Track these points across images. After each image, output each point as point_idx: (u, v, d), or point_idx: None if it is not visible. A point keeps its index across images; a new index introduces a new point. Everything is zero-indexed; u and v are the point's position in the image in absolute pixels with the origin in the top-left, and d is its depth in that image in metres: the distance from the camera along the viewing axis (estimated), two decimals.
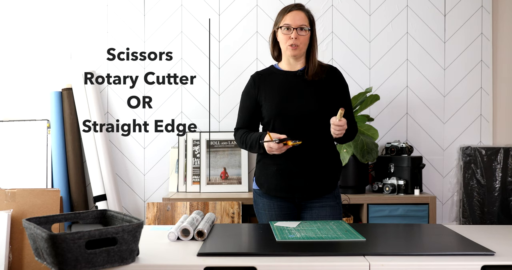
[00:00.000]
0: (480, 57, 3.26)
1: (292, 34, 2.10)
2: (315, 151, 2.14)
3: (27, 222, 1.46)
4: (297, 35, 2.10)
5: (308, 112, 2.11)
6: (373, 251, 1.54)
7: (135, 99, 3.23)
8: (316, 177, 2.14)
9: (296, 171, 2.13)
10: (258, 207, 2.24)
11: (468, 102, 3.27)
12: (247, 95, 2.23)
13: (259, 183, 2.22)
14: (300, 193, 2.15)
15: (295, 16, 2.11)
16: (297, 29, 2.10)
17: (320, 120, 2.12)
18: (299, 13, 2.12)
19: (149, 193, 3.26)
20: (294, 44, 2.10)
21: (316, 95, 2.13)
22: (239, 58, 3.25)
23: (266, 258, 1.49)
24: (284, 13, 2.15)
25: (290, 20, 2.11)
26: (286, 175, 2.14)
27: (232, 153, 3.20)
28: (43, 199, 2.79)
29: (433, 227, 2.05)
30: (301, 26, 2.10)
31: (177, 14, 3.26)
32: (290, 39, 2.10)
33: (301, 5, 2.17)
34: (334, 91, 2.17)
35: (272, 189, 2.17)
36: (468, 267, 1.44)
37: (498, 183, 3.14)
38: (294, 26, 2.10)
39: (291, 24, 2.10)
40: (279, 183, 2.16)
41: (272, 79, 2.20)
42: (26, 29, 3.25)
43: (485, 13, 3.25)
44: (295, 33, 2.10)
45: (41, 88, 3.24)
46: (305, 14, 2.13)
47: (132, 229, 1.43)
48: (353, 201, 2.90)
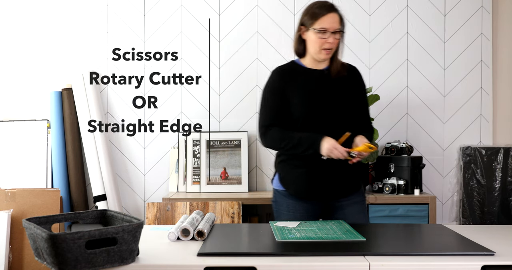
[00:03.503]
0: (480, 57, 3.26)
1: (330, 39, 2.04)
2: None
3: (27, 222, 1.46)
4: (334, 39, 2.04)
5: (336, 111, 2.09)
6: (373, 251, 1.55)
7: (140, 99, 3.23)
8: (345, 176, 2.12)
9: (325, 171, 2.09)
10: (281, 208, 2.18)
11: (468, 102, 3.27)
12: (274, 91, 2.13)
13: (285, 184, 2.16)
14: (329, 194, 2.12)
15: (332, 20, 2.04)
16: (333, 33, 2.04)
17: (346, 119, 2.10)
18: (335, 16, 2.05)
19: (149, 193, 3.26)
20: (330, 48, 2.05)
21: (342, 94, 2.11)
22: (239, 58, 3.25)
23: (266, 258, 1.49)
24: (320, 15, 2.05)
25: (328, 24, 2.03)
26: (316, 176, 2.10)
27: (232, 153, 3.20)
28: (43, 199, 2.79)
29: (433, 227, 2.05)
30: (336, 29, 2.04)
31: (177, 14, 3.26)
32: (326, 44, 2.04)
33: (336, 6, 2.08)
34: (355, 90, 2.15)
35: (301, 191, 2.12)
36: (468, 267, 1.44)
37: (498, 183, 3.14)
38: (331, 31, 2.03)
39: (328, 29, 2.03)
40: (308, 184, 2.11)
41: (297, 76, 2.12)
42: (26, 29, 3.25)
43: (485, 13, 3.25)
44: (332, 37, 2.04)
45: (41, 88, 3.24)
46: (339, 15, 2.07)
47: (132, 229, 1.43)
48: None
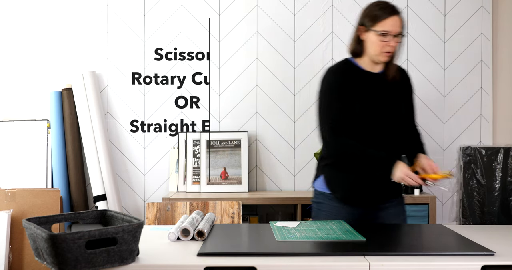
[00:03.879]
0: (480, 57, 3.26)
1: (391, 42, 2.00)
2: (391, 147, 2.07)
3: (27, 222, 1.46)
4: (395, 43, 2.01)
5: (391, 116, 2.06)
6: (373, 251, 1.54)
7: (182, 99, 3.23)
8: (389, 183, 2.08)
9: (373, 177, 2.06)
10: (323, 209, 2.14)
11: (468, 102, 3.27)
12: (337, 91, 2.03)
13: (331, 188, 2.12)
14: (376, 199, 2.12)
15: (394, 23, 1.99)
16: (395, 36, 2.00)
17: (399, 124, 2.10)
18: (397, 19, 2.01)
19: (149, 193, 3.26)
20: (390, 52, 2.02)
21: (396, 99, 2.09)
22: (239, 58, 3.25)
23: (266, 258, 1.49)
24: (382, 17, 2.00)
25: (390, 27, 1.99)
26: (364, 182, 2.08)
27: (232, 153, 3.20)
28: (43, 199, 2.79)
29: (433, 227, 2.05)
30: (398, 33, 2.00)
31: (177, 14, 3.26)
32: (387, 47, 2.00)
33: (398, 9, 2.04)
34: (406, 94, 2.15)
35: (349, 196, 2.10)
36: (468, 267, 1.44)
37: (498, 183, 3.14)
38: (393, 34, 1.99)
39: (390, 32, 1.99)
40: (357, 190, 2.09)
41: (355, 78, 2.06)
42: (26, 29, 3.25)
43: (485, 13, 3.25)
44: (394, 41, 2.00)
45: (41, 88, 3.24)
46: (400, 18, 2.03)
47: (132, 229, 1.43)
48: None
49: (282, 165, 3.25)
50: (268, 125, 3.26)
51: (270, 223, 1.98)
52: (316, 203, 2.20)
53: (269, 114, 3.26)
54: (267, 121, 3.26)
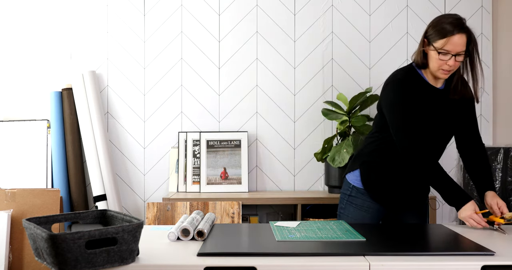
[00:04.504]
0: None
1: (450, 62, 1.91)
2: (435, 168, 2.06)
3: (27, 222, 1.46)
4: (453, 62, 1.92)
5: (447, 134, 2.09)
6: (373, 251, 1.54)
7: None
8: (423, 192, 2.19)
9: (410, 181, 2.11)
10: (354, 203, 2.16)
11: None
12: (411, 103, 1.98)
13: (367, 186, 2.14)
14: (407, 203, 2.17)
15: (458, 42, 1.90)
16: (455, 55, 1.91)
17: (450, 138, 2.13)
18: (462, 37, 1.90)
19: (149, 193, 3.26)
20: (450, 71, 1.95)
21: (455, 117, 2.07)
22: (239, 58, 3.25)
23: (266, 258, 1.49)
24: (447, 33, 1.90)
25: (451, 46, 1.89)
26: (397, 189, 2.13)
27: (232, 153, 3.20)
28: (43, 199, 2.79)
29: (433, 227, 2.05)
30: (460, 52, 1.91)
31: (177, 14, 3.26)
32: (446, 65, 1.93)
33: (464, 25, 1.93)
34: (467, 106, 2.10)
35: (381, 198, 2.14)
36: (468, 267, 1.44)
37: (498, 183, 3.14)
38: (453, 53, 1.90)
39: (450, 51, 1.90)
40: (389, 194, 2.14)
41: (421, 91, 2.01)
42: (26, 29, 3.25)
43: (485, 13, 3.25)
44: (453, 60, 1.91)
45: (41, 88, 3.24)
46: (466, 36, 1.92)
47: (132, 229, 1.43)
48: None
49: (282, 165, 3.25)
50: (268, 125, 3.26)
51: (270, 223, 1.98)
52: (347, 196, 2.21)
53: (269, 114, 3.26)
54: (267, 121, 3.26)
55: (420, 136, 1.99)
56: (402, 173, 2.11)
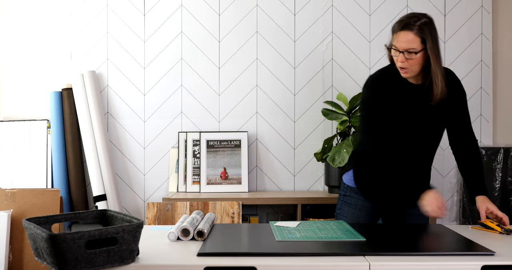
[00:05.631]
0: (480, 57, 3.26)
1: (399, 58, 1.93)
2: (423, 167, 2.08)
3: (27, 222, 1.46)
4: (404, 59, 1.91)
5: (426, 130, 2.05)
6: (373, 251, 1.54)
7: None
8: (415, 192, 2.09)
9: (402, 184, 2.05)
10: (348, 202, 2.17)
11: (468, 102, 3.25)
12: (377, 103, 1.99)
13: (359, 185, 2.15)
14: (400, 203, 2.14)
15: (401, 38, 1.91)
16: (404, 53, 1.91)
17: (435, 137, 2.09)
18: (405, 34, 1.90)
19: (149, 193, 3.26)
20: (404, 68, 1.94)
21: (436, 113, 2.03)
22: (239, 58, 3.25)
23: (266, 258, 1.49)
24: (395, 30, 1.94)
25: (397, 43, 1.92)
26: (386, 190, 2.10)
27: (232, 153, 3.20)
28: (43, 199, 2.79)
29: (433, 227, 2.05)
30: (408, 49, 1.90)
31: (177, 14, 3.25)
32: (398, 63, 1.94)
33: (410, 23, 1.91)
34: (453, 102, 2.05)
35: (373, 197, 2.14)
36: (468, 267, 1.44)
37: (498, 183, 3.14)
38: (400, 50, 1.91)
39: (398, 48, 1.92)
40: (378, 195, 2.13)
41: (396, 86, 2.01)
42: (26, 29, 3.25)
43: (485, 13, 3.25)
44: (402, 57, 1.91)
45: (41, 88, 3.24)
46: (415, 34, 1.89)
47: (132, 229, 1.43)
48: None
49: (282, 165, 3.25)
50: (268, 125, 3.26)
51: (270, 223, 1.98)
52: (342, 196, 2.23)
53: (269, 114, 3.26)
54: (267, 121, 3.26)
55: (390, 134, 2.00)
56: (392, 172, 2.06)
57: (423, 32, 1.90)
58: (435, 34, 1.93)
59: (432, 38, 1.91)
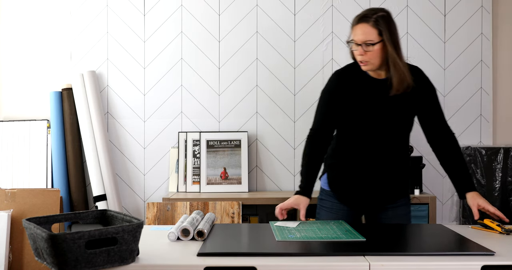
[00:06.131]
0: (480, 57, 3.26)
1: (358, 51, 1.95)
2: (390, 163, 2.08)
3: (27, 222, 1.46)
4: (362, 52, 1.94)
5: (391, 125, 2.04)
6: (373, 251, 1.54)
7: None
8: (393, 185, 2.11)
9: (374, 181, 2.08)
10: (325, 206, 2.17)
11: (468, 102, 3.27)
12: (330, 94, 2.06)
13: (332, 187, 2.15)
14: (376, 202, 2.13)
15: (358, 31, 1.94)
16: (362, 45, 1.93)
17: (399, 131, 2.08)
18: (362, 27, 1.93)
19: (149, 193, 3.26)
20: (363, 61, 1.96)
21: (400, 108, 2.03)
22: (239, 58, 3.25)
23: (266, 258, 1.49)
24: (352, 25, 1.98)
25: (355, 36, 1.95)
26: (355, 186, 2.10)
27: (232, 153, 3.20)
28: (43, 199, 2.79)
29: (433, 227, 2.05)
30: (365, 41, 1.92)
31: (177, 14, 3.26)
32: (358, 56, 1.97)
33: (366, 15, 1.95)
34: (420, 97, 2.05)
35: (346, 198, 2.13)
36: (468, 267, 1.44)
37: (498, 183, 3.14)
38: (358, 43, 1.94)
39: (356, 41, 1.95)
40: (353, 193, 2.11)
41: (357, 82, 2.04)
42: (26, 29, 3.25)
43: (485, 13, 3.25)
44: (360, 49, 1.93)
45: (41, 88, 3.24)
46: (371, 25, 1.92)
47: (132, 229, 1.43)
48: None
49: (282, 165, 3.25)
50: (268, 125, 3.26)
51: (270, 223, 1.98)
52: (319, 200, 2.23)
53: (269, 114, 3.26)
54: (267, 121, 3.26)
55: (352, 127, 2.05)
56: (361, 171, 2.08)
57: (380, 24, 1.92)
58: (393, 27, 1.96)
59: (389, 30, 1.94)
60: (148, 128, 3.26)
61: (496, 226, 1.88)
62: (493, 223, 1.91)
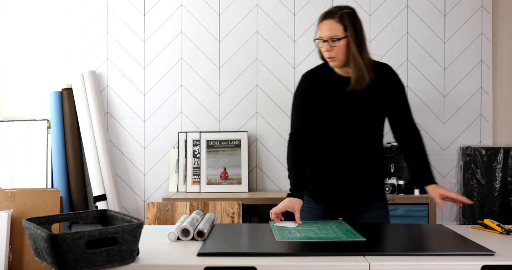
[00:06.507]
0: (480, 57, 3.26)
1: (324, 47, 1.99)
2: (363, 163, 2.08)
3: (27, 222, 1.46)
4: (329, 48, 1.97)
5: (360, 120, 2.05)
6: (373, 251, 1.54)
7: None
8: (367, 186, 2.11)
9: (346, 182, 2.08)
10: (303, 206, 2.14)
11: (468, 102, 3.27)
12: (301, 97, 2.09)
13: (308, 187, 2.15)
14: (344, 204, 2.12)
15: (324, 27, 1.98)
16: (329, 41, 1.97)
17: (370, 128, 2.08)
18: (328, 23, 1.97)
19: (149, 193, 3.26)
20: (330, 57, 1.99)
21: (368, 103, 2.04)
22: (239, 58, 3.25)
23: (266, 258, 1.49)
24: (318, 23, 2.02)
25: (321, 32, 1.99)
26: (330, 186, 2.10)
27: (232, 153, 3.20)
28: (43, 199, 2.79)
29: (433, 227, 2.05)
30: (332, 37, 1.96)
31: (177, 14, 3.26)
32: (325, 52, 2.00)
33: (331, 12, 1.99)
34: (386, 94, 2.07)
35: (321, 197, 2.13)
36: (468, 267, 1.44)
37: (498, 183, 3.14)
38: (325, 39, 1.97)
39: (322, 37, 1.98)
40: (323, 192, 2.12)
41: (326, 82, 2.07)
42: (26, 29, 3.25)
43: (485, 13, 3.25)
44: (327, 45, 1.97)
45: (41, 88, 3.24)
46: (336, 21, 1.96)
47: (132, 229, 1.43)
48: None
49: (282, 165, 3.25)
50: (268, 125, 3.26)
51: (270, 223, 1.98)
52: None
53: (269, 114, 3.26)
54: (267, 121, 3.26)
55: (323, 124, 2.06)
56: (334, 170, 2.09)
57: (345, 20, 1.96)
58: (357, 24, 2.00)
59: (353, 27, 1.97)
60: (148, 128, 3.26)
61: (496, 226, 1.88)
62: (493, 223, 1.91)
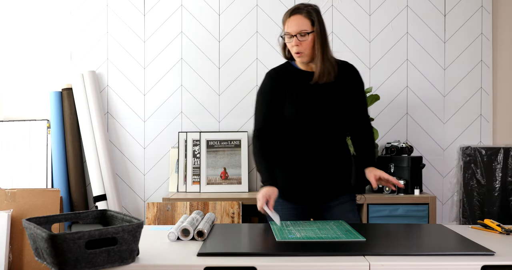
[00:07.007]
0: (480, 57, 3.26)
1: (293, 42, 2.03)
2: (328, 157, 2.10)
3: (27, 222, 1.46)
4: (298, 42, 2.02)
5: (326, 114, 2.07)
6: (373, 251, 1.54)
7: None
8: (331, 180, 2.12)
9: (310, 176, 2.10)
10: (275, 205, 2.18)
11: (468, 102, 3.27)
12: (266, 94, 2.12)
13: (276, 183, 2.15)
14: (313, 198, 2.13)
15: (292, 23, 2.04)
16: (297, 36, 2.02)
17: (337, 121, 2.10)
18: (296, 18, 2.04)
19: (149, 193, 3.26)
20: (298, 52, 2.04)
21: (333, 96, 2.08)
22: (239, 58, 3.25)
23: (266, 258, 1.49)
24: (284, 20, 2.07)
25: (288, 28, 2.04)
26: (297, 181, 2.12)
27: (232, 153, 3.20)
28: (43, 199, 2.79)
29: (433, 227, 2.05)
30: (300, 32, 2.02)
31: (177, 14, 3.26)
32: (293, 47, 2.05)
33: (298, 8, 2.06)
34: (349, 89, 2.12)
35: (284, 193, 2.13)
36: (468, 267, 1.44)
37: (498, 183, 3.14)
38: (293, 34, 2.03)
39: (290, 32, 2.04)
40: (290, 188, 2.13)
41: (289, 78, 2.11)
42: (26, 29, 3.25)
43: (485, 13, 3.25)
44: (295, 40, 2.02)
45: (41, 88, 3.24)
46: (304, 16, 2.03)
47: (132, 229, 1.43)
48: None
49: None
50: None
51: (270, 223, 1.98)
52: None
53: None
54: None
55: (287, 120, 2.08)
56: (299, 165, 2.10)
57: (312, 15, 2.03)
58: (322, 21, 2.06)
59: (319, 23, 2.03)
60: (148, 128, 3.26)
61: (496, 226, 1.88)
62: (493, 223, 1.91)
